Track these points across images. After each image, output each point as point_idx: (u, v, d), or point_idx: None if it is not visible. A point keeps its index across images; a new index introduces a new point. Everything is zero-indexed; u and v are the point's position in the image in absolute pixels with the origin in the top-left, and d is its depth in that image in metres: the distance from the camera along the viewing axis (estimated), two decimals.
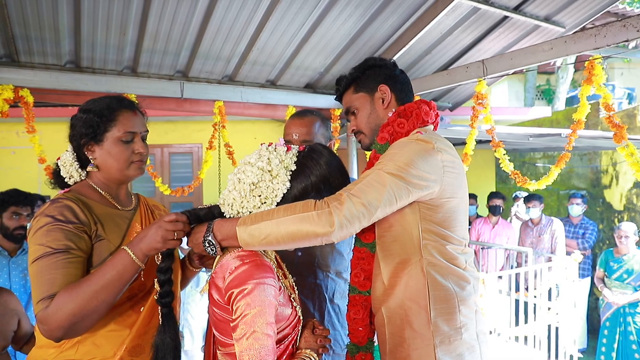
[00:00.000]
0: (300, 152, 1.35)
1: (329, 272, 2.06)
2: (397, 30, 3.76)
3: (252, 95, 3.99)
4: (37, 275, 1.28)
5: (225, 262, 1.24)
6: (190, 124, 6.67)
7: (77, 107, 1.54)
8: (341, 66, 4.13)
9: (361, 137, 1.63)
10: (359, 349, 1.58)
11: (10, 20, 3.01)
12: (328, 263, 2.06)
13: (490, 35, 4.00)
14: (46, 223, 1.32)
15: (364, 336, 1.57)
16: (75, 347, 1.35)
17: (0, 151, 6.58)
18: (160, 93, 3.68)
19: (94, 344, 1.36)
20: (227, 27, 3.39)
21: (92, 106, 1.48)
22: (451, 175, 1.42)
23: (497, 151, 3.30)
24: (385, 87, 1.57)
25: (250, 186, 1.29)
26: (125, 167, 1.49)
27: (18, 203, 2.86)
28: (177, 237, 1.31)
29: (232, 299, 1.17)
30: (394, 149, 1.42)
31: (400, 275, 1.46)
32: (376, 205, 1.29)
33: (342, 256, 2.12)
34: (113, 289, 1.29)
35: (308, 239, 1.25)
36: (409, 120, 1.51)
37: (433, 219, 1.43)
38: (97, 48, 3.39)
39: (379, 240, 1.53)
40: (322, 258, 2.06)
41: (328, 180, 1.33)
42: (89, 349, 1.35)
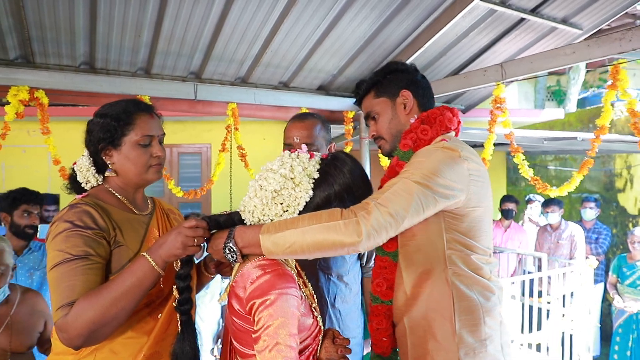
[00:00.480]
0: (323, 159, 1.33)
1: (331, 274, 2.03)
2: (412, 32, 3.73)
3: (265, 97, 3.97)
4: (56, 282, 1.27)
5: (246, 271, 1.22)
6: (199, 124, 6.66)
7: (88, 107, 1.52)
8: (354, 69, 4.11)
9: (381, 142, 1.61)
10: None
11: (27, 22, 3.01)
12: (330, 265, 2.02)
13: (506, 37, 3.95)
14: (65, 229, 1.31)
15: (388, 346, 1.55)
16: (92, 355, 1.34)
17: (11, 149, 6.58)
18: (173, 95, 3.66)
19: (112, 351, 1.35)
20: (242, 29, 3.37)
21: (109, 110, 1.46)
22: (477, 184, 1.40)
23: (517, 157, 3.25)
24: (407, 93, 1.55)
25: (272, 193, 1.27)
26: (144, 171, 1.47)
27: (29, 201, 2.87)
28: (197, 244, 1.29)
29: (253, 309, 1.15)
30: (419, 157, 1.40)
31: (423, 286, 1.44)
32: (403, 215, 1.27)
33: (344, 259, 2.08)
34: (133, 296, 1.27)
35: (334, 248, 1.23)
36: (433, 127, 1.49)
37: (458, 229, 1.41)
38: (111, 50, 3.38)
39: (401, 250, 1.50)
40: (323, 260, 2.02)
41: (351, 189, 1.31)
42: (107, 356, 1.34)
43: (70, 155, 3.32)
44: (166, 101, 3.79)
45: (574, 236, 5.07)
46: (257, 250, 1.25)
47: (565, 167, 7.20)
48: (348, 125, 4.34)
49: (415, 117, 1.55)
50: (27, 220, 2.86)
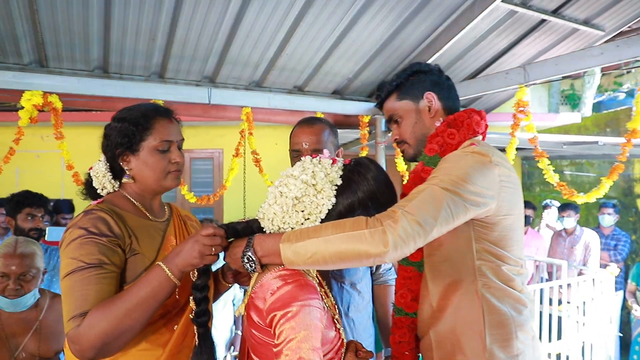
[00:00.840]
0: (346, 165, 1.27)
1: (344, 282, 1.97)
2: (430, 34, 3.66)
3: (280, 101, 3.91)
4: (69, 291, 1.23)
5: (266, 281, 1.18)
6: (212, 129, 6.63)
7: (102, 112, 1.47)
8: (371, 72, 4.04)
9: (405, 147, 1.55)
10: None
11: (41, 27, 2.99)
12: (343, 273, 1.96)
13: (526, 39, 3.87)
14: (79, 235, 1.27)
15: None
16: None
17: (25, 154, 6.59)
18: (187, 99, 3.62)
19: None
20: (257, 32, 3.32)
21: (127, 115, 1.41)
22: (508, 191, 1.33)
23: (541, 162, 3.15)
24: (431, 95, 1.49)
25: (293, 200, 1.21)
26: (162, 178, 1.43)
27: (32, 204, 2.83)
28: (214, 252, 1.24)
29: (274, 322, 1.11)
30: (448, 163, 1.33)
31: (451, 298, 1.37)
32: (432, 224, 1.19)
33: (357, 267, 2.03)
34: (148, 307, 1.23)
35: (359, 259, 1.16)
36: (460, 131, 1.43)
37: (488, 238, 1.34)
38: (125, 54, 3.35)
39: (427, 259, 1.44)
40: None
41: (376, 196, 1.25)
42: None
43: (83, 160, 3.29)
44: (180, 106, 3.72)
45: (589, 243, 4.97)
46: (277, 259, 1.19)
47: (581, 172, 7.07)
48: (363, 129, 4.28)
49: (440, 120, 1.49)
50: (31, 223, 2.81)
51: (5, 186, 6.56)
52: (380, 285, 2.15)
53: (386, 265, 2.15)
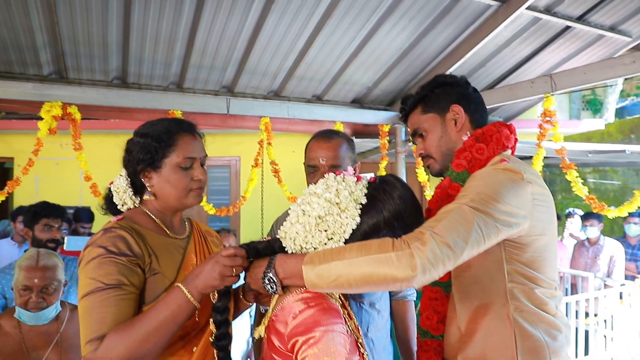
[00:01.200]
0: (370, 183, 1.21)
1: (363, 302, 1.90)
2: (451, 43, 3.59)
3: (299, 110, 3.87)
4: (87, 313, 1.20)
5: (287, 304, 1.13)
6: (229, 136, 6.62)
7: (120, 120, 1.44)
8: (390, 81, 3.99)
9: (430, 161, 1.50)
10: None
11: (60, 37, 2.99)
12: (362, 293, 1.88)
13: (550, 46, 3.77)
14: (98, 255, 1.23)
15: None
16: None
17: (44, 162, 6.66)
18: (205, 109, 3.60)
19: None
20: (276, 41, 3.29)
21: (150, 130, 1.37)
22: (542, 210, 1.26)
23: (569, 173, 3.05)
24: (458, 108, 1.43)
25: (316, 219, 1.16)
26: (183, 196, 1.39)
27: (49, 215, 2.82)
28: (235, 273, 1.20)
29: (296, 348, 1.06)
30: (477, 180, 1.27)
31: (480, 322, 1.31)
32: (462, 246, 1.12)
33: None
34: (167, 331, 1.19)
35: (385, 283, 1.10)
36: (489, 146, 1.37)
37: (520, 259, 1.28)
38: (144, 64, 3.34)
39: (455, 280, 1.38)
40: None
41: (402, 216, 1.18)
42: None
43: (101, 169, 3.29)
44: (198, 116, 3.72)
45: (614, 253, 4.84)
46: (299, 282, 1.14)
47: (605, 179, 6.90)
48: (383, 139, 4.21)
49: (467, 134, 1.43)
50: (48, 234, 2.81)
51: (25, 194, 6.64)
52: (399, 301, 2.08)
53: None
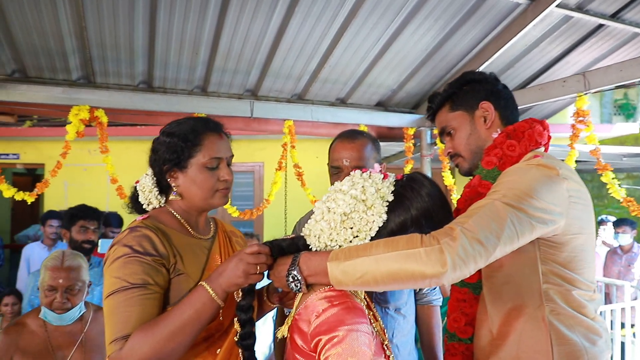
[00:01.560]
0: (398, 180, 1.18)
1: (388, 308, 1.86)
2: (478, 43, 3.51)
3: (322, 114, 3.85)
4: (112, 312, 1.19)
5: (311, 303, 1.10)
6: (252, 142, 6.65)
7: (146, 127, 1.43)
8: (416, 83, 3.93)
9: (459, 160, 1.47)
10: None
11: (89, 42, 3.04)
12: (387, 298, 1.85)
13: (581, 45, 3.66)
14: (124, 254, 1.23)
15: None
16: None
17: (73, 168, 6.81)
18: (230, 112, 3.61)
19: None
20: (300, 44, 3.27)
21: (176, 129, 1.36)
22: (578, 207, 1.21)
23: (605, 175, 2.92)
24: (487, 104, 1.39)
25: (342, 217, 1.13)
26: (209, 196, 1.37)
27: (86, 217, 2.92)
28: (259, 271, 1.17)
29: (319, 347, 1.03)
30: (510, 176, 1.22)
31: (513, 325, 1.25)
32: (495, 243, 1.08)
33: (401, 290, 1.90)
34: (191, 330, 1.17)
35: (413, 280, 1.05)
36: (521, 142, 1.32)
37: (556, 259, 1.22)
38: (169, 68, 3.37)
39: (486, 281, 1.33)
40: (380, 293, 1.85)
41: (430, 214, 1.14)
42: None
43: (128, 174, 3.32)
44: (222, 119, 3.69)
45: None
46: (324, 279, 1.11)
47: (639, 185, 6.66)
48: (408, 142, 4.15)
49: (497, 131, 1.38)
50: (83, 235, 2.90)
51: (55, 199, 6.80)
52: (424, 306, 2.03)
53: None
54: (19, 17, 2.76)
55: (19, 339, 1.97)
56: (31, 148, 6.90)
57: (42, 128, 6.69)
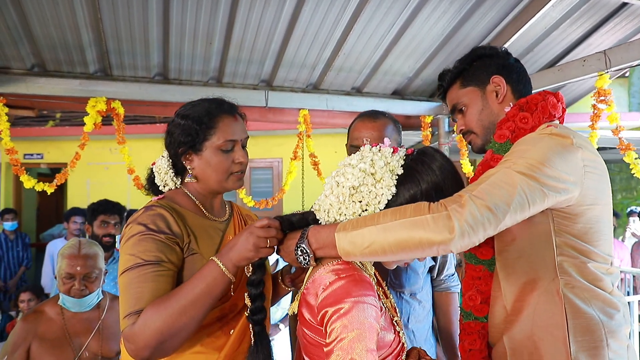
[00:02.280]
0: (408, 155, 1.17)
1: (403, 292, 1.84)
2: (495, 26, 3.44)
3: (338, 102, 3.83)
4: (126, 288, 1.21)
5: (319, 276, 1.10)
6: (270, 138, 6.67)
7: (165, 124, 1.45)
8: (432, 70, 3.87)
9: (472, 137, 1.45)
10: None
11: (105, 35, 3.08)
12: (402, 282, 1.83)
13: (603, 27, 3.54)
14: (138, 232, 1.25)
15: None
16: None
17: (95, 167, 6.96)
18: (245, 102, 3.57)
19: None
20: (313, 32, 3.25)
21: (191, 111, 1.38)
22: (593, 177, 1.18)
23: (628, 155, 2.82)
24: (499, 79, 1.38)
25: (350, 190, 1.13)
26: (224, 179, 1.39)
27: (106, 212, 2.98)
28: (269, 245, 1.17)
29: (326, 319, 1.03)
30: (523, 145, 1.19)
31: (527, 299, 1.22)
32: (505, 210, 1.06)
33: (417, 274, 1.88)
34: (202, 304, 1.18)
35: (421, 247, 1.04)
36: (534, 115, 1.29)
37: (571, 231, 1.19)
38: (184, 59, 3.40)
39: (499, 257, 1.30)
40: (395, 277, 1.83)
41: (441, 188, 1.13)
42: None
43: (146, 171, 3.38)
44: None
45: None
46: (333, 251, 1.10)
47: None
48: (425, 130, 4.09)
49: (509, 105, 1.36)
50: (104, 230, 2.95)
51: (78, 196, 6.94)
52: (442, 293, 2.00)
53: (449, 270, 2.01)
54: (37, 11, 2.81)
55: (37, 326, 2.01)
56: (54, 148, 7.07)
57: (64, 128, 6.85)
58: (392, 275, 1.82)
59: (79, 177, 6.91)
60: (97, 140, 6.33)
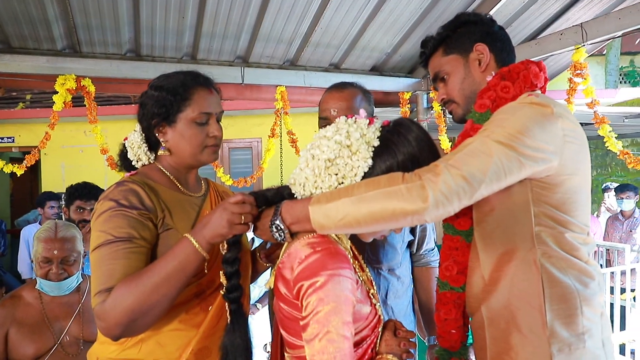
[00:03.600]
0: (384, 126, 1.16)
1: (381, 268, 1.84)
2: (473, 1, 3.40)
3: (316, 79, 3.78)
4: (97, 265, 1.18)
5: (294, 250, 1.08)
6: (249, 118, 6.60)
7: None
8: (410, 45, 3.84)
9: (453, 106, 1.41)
10: (450, 355, 1.40)
11: (71, 9, 2.97)
12: (380, 258, 1.83)
13: (581, 1, 3.53)
14: (109, 207, 1.22)
15: (457, 340, 1.38)
16: (138, 346, 1.25)
17: (70, 149, 6.79)
18: (220, 79, 3.45)
19: (158, 343, 1.25)
20: (289, 4, 3.18)
21: (165, 83, 1.33)
22: (573, 147, 1.16)
23: (602, 128, 2.83)
24: (482, 47, 1.33)
25: (326, 163, 1.10)
26: (198, 152, 1.36)
27: (82, 197, 2.87)
28: (244, 221, 1.14)
29: (301, 292, 1.02)
30: (502, 114, 1.17)
31: (504, 269, 1.22)
32: (480, 179, 1.05)
33: (396, 250, 1.88)
34: (175, 282, 1.16)
35: (395, 218, 1.03)
36: (515, 84, 1.26)
37: (549, 201, 1.18)
38: (156, 35, 3.30)
39: (477, 227, 1.29)
40: (372, 253, 1.83)
41: (417, 159, 1.11)
42: (153, 349, 1.25)
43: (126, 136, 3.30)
44: None
45: None
46: (307, 225, 1.08)
47: None
48: (404, 107, 4.08)
49: (492, 74, 1.32)
50: (79, 215, 2.85)
51: (53, 181, 6.78)
52: (422, 268, 2.00)
53: (428, 245, 2.01)
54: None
55: (15, 311, 1.95)
56: (26, 131, 6.86)
57: (35, 110, 6.64)
58: (369, 251, 1.82)
59: (54, 161, 6.74)
60: (71, 123, 6.16)
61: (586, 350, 1.17)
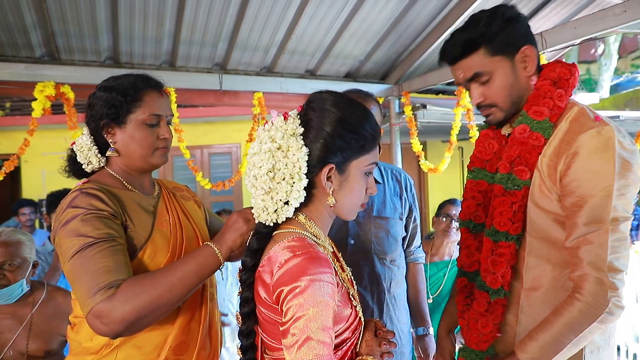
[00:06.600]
0: (299, 112, 1.14)
1: (386, 259, 1.95)
2: (442, 9, 3.54)
3: (292, 85, 3.88)
4: (82, 270, 1.15)
5: (274, 253, 1.07)
6: (229, 124, 6.65)
7: None
8: (382, 53, 3.97)
9: (493, 110, 1.32)
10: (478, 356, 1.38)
11: (49, 17, 3.00)
12: (385, 249, 1.95)
13: (542, 11, 3.72)
14: (78, 214, 1.19)
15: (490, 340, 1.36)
16: (114, 353, 1.25)
17: (50, 157, 6.74)
18: (199, 86, 3.62)
19: (135, 346, 1.26)
20: (265, 14, 3.27)
21: (115, 84, 1.34)
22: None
23: None
24: (530, 49, 1.26)
25: (269, 174, 1.08)
26: (149, 154, 1.36)
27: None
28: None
29: (281, 298, 1.01)
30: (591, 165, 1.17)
31: (546, 277, 1.30)
32: (626, 264, 1.19)
33: (397, 241, 2.00)
34: (189, 284, 1.19)
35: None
36: (567, 92, 1.25)
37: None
38: (135, 42, 3.35)
39: (527, 237, 1.32)
40: (378, 244, 1.94)
41: (345, 121, 1.09)
42: (130, 353, 1.25)
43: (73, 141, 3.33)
44: (192, 93, 3.76)
45: None
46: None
47: None
48: None
49: (534, 78, 1.29)
50: None
51: (34, 188, 6.73)
52: (410, 263, 2.14)
53: (417, 242, 2.14)
54: None
55: None
56: (6, 138, 6.79)
57: (15, 117, 6.60)
58: (375, 243, 1.92)
59: (34, 168, 6.70)
60: (52, 130, 6.13)
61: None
